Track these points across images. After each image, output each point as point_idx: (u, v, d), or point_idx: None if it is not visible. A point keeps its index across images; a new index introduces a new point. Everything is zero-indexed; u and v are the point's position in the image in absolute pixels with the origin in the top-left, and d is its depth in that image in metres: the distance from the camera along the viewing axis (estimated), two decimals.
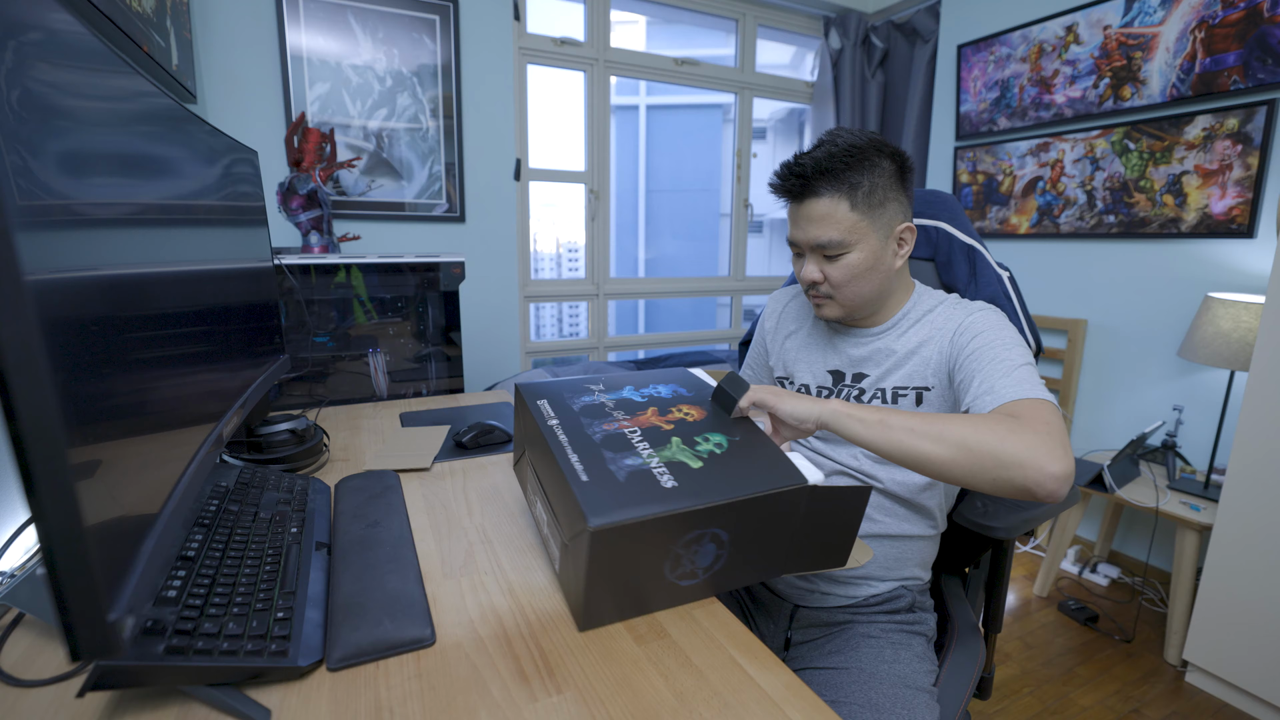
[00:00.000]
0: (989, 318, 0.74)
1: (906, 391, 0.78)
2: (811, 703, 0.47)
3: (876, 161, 0.73)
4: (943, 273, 0.94)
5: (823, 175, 0.72)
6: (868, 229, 0.73)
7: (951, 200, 0.95)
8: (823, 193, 0.73)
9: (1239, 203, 1.71)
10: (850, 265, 0.74)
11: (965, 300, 0.81)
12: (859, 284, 0.76)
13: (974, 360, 0.70)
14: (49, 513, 0.31)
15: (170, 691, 0.45)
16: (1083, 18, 2.01)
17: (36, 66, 0.35)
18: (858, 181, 0.72)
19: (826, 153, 0.73)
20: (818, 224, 0.74)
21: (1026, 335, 0.87)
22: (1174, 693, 1.49)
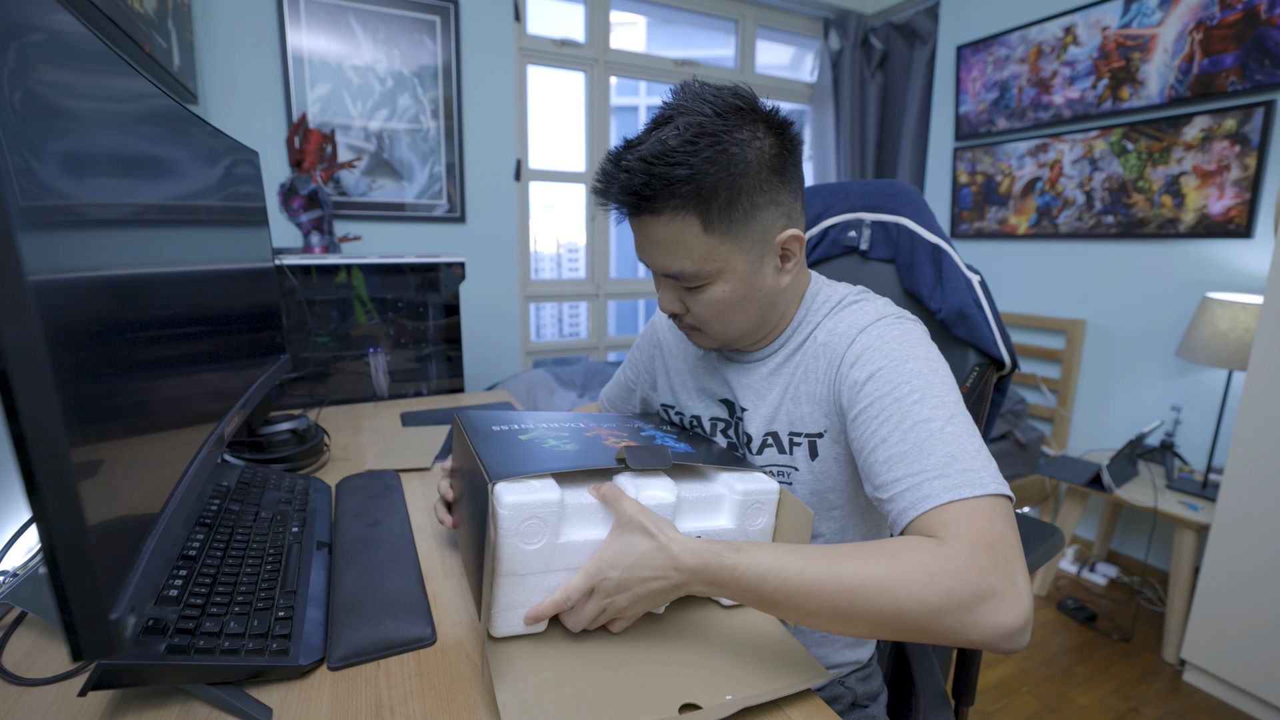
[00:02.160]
0: (886, 338, 0.55)
1: (801, 440, 0.61)
2: (812, 703, 0.47)
3: (741, 149, 0.51)
4: (904, 276, 0.82)
5: (658, 185, 0.50)
6: (731, 252, 0.54)
7: (913, 192, 0.83)
8: (661, 210, 0.52)
9: (1237, 203, 1.71)
10: (714, 300, 0.56)
11: (862, 297, 0.62)
12: (730, 318, 0.58)
13: (875, 419, 0.51)
14: (51, 512, 0.32)
15: (172, 690, 0.45)
16: (1081, 19, 2.02)
17: (39, 67, 0.35)
18: (711, 189, 0.51)
19: (660, 146, 0.50)
20: (662, 250, 0.55)
21: (999, 349, 0.74)
22: (1172, 691, 1.49)
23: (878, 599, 0.41)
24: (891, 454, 0.49)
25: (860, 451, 0.53)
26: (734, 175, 0.51)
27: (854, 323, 0.58)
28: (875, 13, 2.74)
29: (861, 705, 0.68)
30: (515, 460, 0.51)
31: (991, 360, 0.77)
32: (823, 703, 0.47)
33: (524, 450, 0.54)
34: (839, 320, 0.60)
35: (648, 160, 0.50)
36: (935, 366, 0.52)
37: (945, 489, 0.45)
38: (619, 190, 0.53)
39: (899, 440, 0.49)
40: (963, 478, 0.45)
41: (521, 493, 0.46)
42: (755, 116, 0.53)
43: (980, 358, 0.77)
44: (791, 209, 0.57)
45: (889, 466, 0.49)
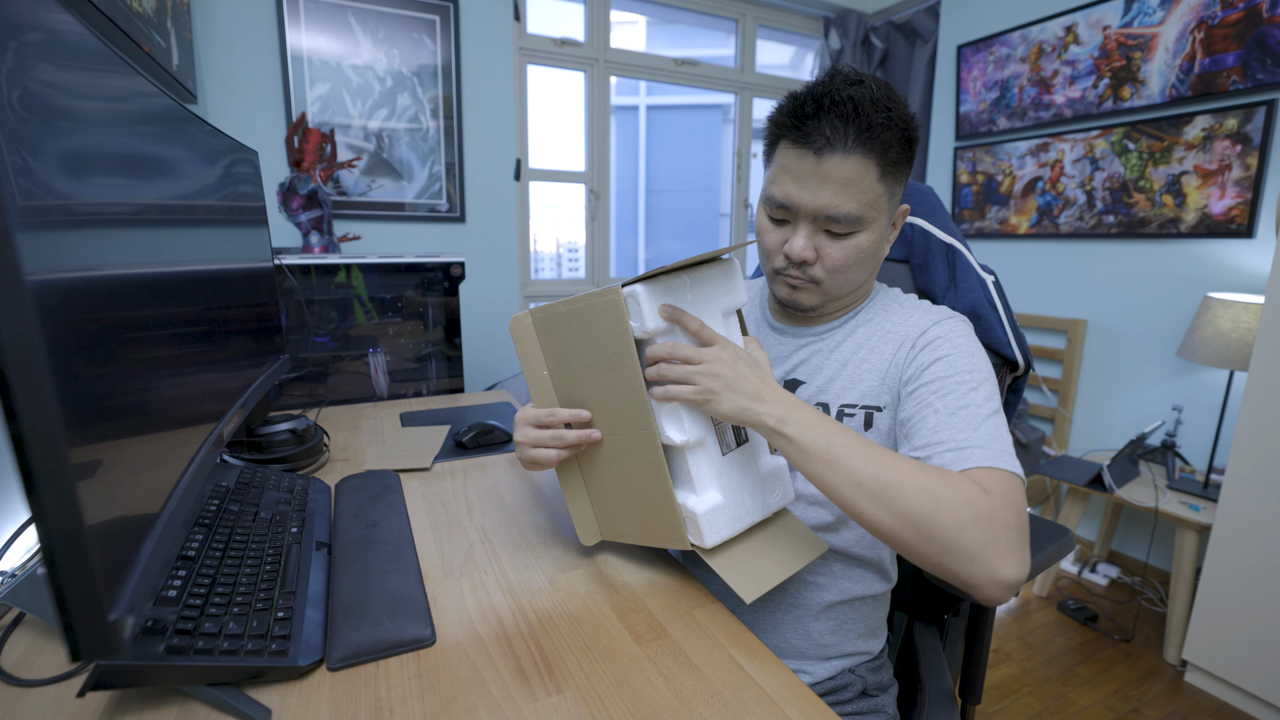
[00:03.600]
0: (958, 333, 0.61)
1: (855, 411, 0.64)
2: (811, 703, 0.47)
3: (902, 115, 0.58)
4: (918, 276, 0.82)
5: (866, 125, 0.55)
6: (885, 206, 0.60)
7: (929, 193, 0.84)
8: (855, 150, 0.56)
9: (1238, 203, 1.71)
10: (857, 248, 0.60)
11: (923, 302, 0.68)
12: (855, 271, 0.62)
13: (934, 394, 0.57)
14: (49, 513, 0.32)
15: (171, 691, 0.45)
16: (1082, 18, 2.01)
17: (37, 67, 0.35)
18: (890, 141, 0.56)
19: (869, 94, 0.56)
20: (840, 190, 0.57)
21: (1013, 349, 0.76)
22: (1173, 692, 1.49)
23: (922, 495, 0.47)
24: (941, 421, 0.55)
25: (911, 417, 0.58)
26: (903, 140, 0.58)
27: (926, 316, 0.64)
28: (876, 12, 2.73)
29: (870, 694, 0.68)
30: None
31: (1005, 361, 0.77)
32: (822, 702, 0.47)
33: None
34: (908, 313, 0.65)
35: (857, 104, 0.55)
36: (990, 370, 0.59)
37: (985, 457, 0.51)
38: (835, 119, 0.56)
39: (951, 413, 0.55)
40: (999, 455, 0.51)
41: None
42: (904, 102, 0.60)
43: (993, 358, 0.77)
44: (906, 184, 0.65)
45: (937, 430, 0.54)
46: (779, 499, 0.62)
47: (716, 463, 0.58)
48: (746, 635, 0.55)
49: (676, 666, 0.51)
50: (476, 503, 0.81)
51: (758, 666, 0.51)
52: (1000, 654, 1.64)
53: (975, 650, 0.76)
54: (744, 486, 0.59)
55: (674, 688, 0.48)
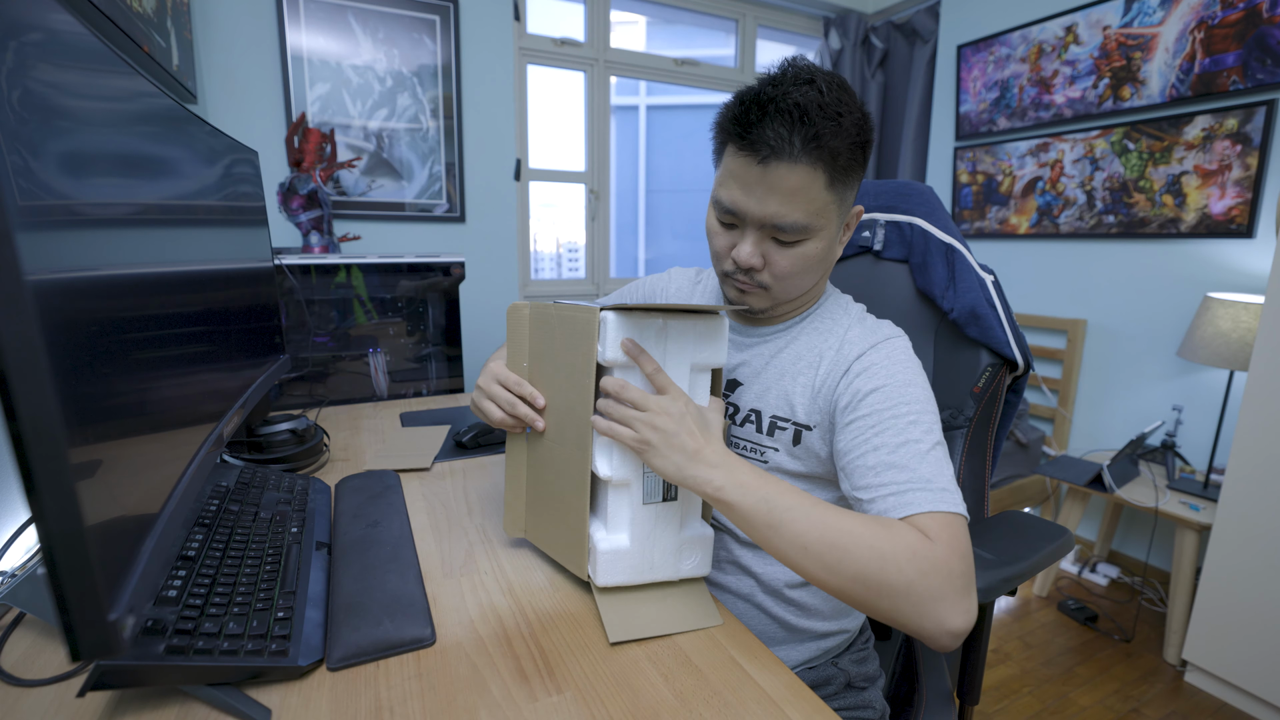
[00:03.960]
0: (894, 358, 0.59)
1: (786, 425, 0.64)
2: (811, 703, 0.47)
3: (856, 120, 0.56)
4: (917, 276, 0.82)
5: (813, 134, 0.53)
6: (834, 212, 0.58)
7: (929, 193, 0.84)
8: (801, 159, 0.54)
9: (1238, 203, 1.71)
10: (804, 256, 0.59)
11: (867, 316, 0.67)
12: (804, 278, 0.61)
13: (872, 429, 0.55)
14: (49, 513, 0.32)
15: (171, 691, 0.45)
16: (1082, 18, 2.01)
17: (37, 67, 0.35)
18: (840, 148, 0.54)
19: (818, 100, 0.53)
20: (786, 199, 0.56)
21: (1012, 349, 0.75)
22: (1173, 692, 1.49)
23: (868, 554, 0.47)
24: (881, 461, 0.54)
25: (847, 453, 0.57)
26: (853, 144, 0.56)
27: (863, 337, 0.62)
28: (876, 12, 2.73)
29: (857, 687, 0.67)
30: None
31: (1004, 361, 0.77)
32: (822, 701, 0.47)
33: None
34: (846, 331, 0.64)
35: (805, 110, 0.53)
36: (929, 395, 0.58)
37: (928, 500, 0.50)
38: (780, 126, 0.53)
39: (890, 451, 0.54)
40: (941, 495, 0.51)
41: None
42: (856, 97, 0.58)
43: (993, 358, 0.77)
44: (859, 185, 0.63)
45: (876, 472, 0.54)
46: (692, 568, 0.60)
47: (635, 509, 0.57)
48: (746, 635, 0.55)
49: (676, 666, 0.51)
50: (476, 503, 0.81)
51: (758, 666, 0.51)
52: (1000, 654, 1.64)
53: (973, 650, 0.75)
54: (656, 542, 0.58)
55: (674, 688, 0.48)
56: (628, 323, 0.54)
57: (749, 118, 0.55)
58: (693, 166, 6.77)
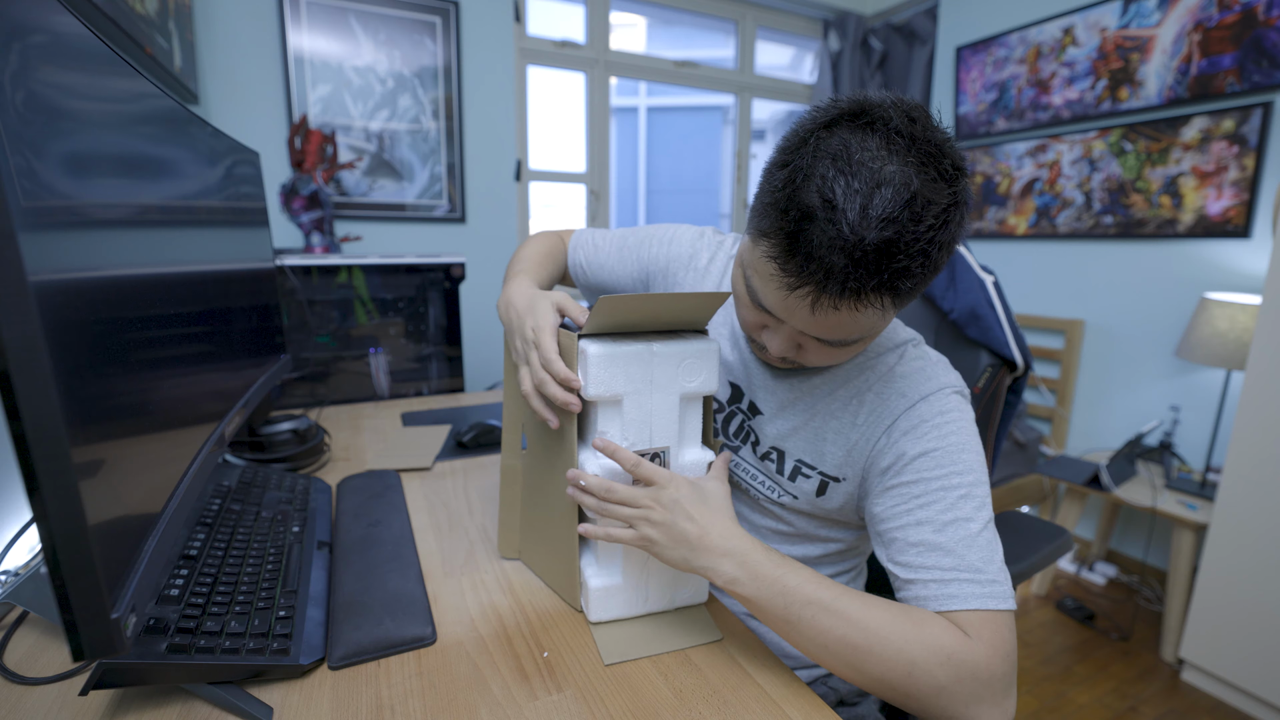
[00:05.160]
0: (949, 416, 0.52)
1: (811, 474, 0.57)
2: (811, 702, 0.47)
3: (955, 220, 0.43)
4: None
5: (883, 277, 0.42)
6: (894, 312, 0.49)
7: None
8: (869, 302, 0.44)
9: (1235, 204, 1.72)
10: (849, 352, 0.52)
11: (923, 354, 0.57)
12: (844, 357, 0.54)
13: (917, 500, 0.50)
14: (52, 512, 0.32)
15: (173, 689, 0.46)
16: (1080, 20, 2.02)
17: (40, 68, 0.36)
18: (917, 275, 0.43)
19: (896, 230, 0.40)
20: (835, 329, 0.47)
21: (1012, 350, 0.73)
22: (1170, 690, 1.49)
23: (895, 658, 0.43)
24: (925, 540, 0.48)
25: (886, 520, 0.51)
26: (941, 262, 0.44)
27: (915, 386, 0.54)
28: (875, 13, 2.74)
29: (849, 703, 0.66)
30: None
31: (1004, 362, 0.77)
32: (822, 702, 0.47)
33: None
34: (898, 370, 0.55)
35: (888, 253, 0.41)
36: (982, 462, 0.51)
37: (974, 595, 0.46)
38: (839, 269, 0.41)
39: (936, 530, 0.48)
40: (990, 588, 0.46)
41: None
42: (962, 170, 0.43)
43: (992, 359, 0.77)
44: None
45: (919, 551, 0.48)
46: (689, 597, 0.58)
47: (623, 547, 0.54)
48: (746, 634, 0.56)
49: (676, 666, 0.51)
50: (477, 502, 0.81)
51: (757, 666, 0.51)
52: None
53: None
54: (650, 577, 0.56)
55: (674, 686, 0.48)
56: (611, 354, 0.49)
57: (794, 246, 0.43)
58: (692, 167, 6.75)
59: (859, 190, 0.41)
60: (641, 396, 0.51)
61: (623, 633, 0.55)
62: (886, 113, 0.43)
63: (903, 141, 0.42)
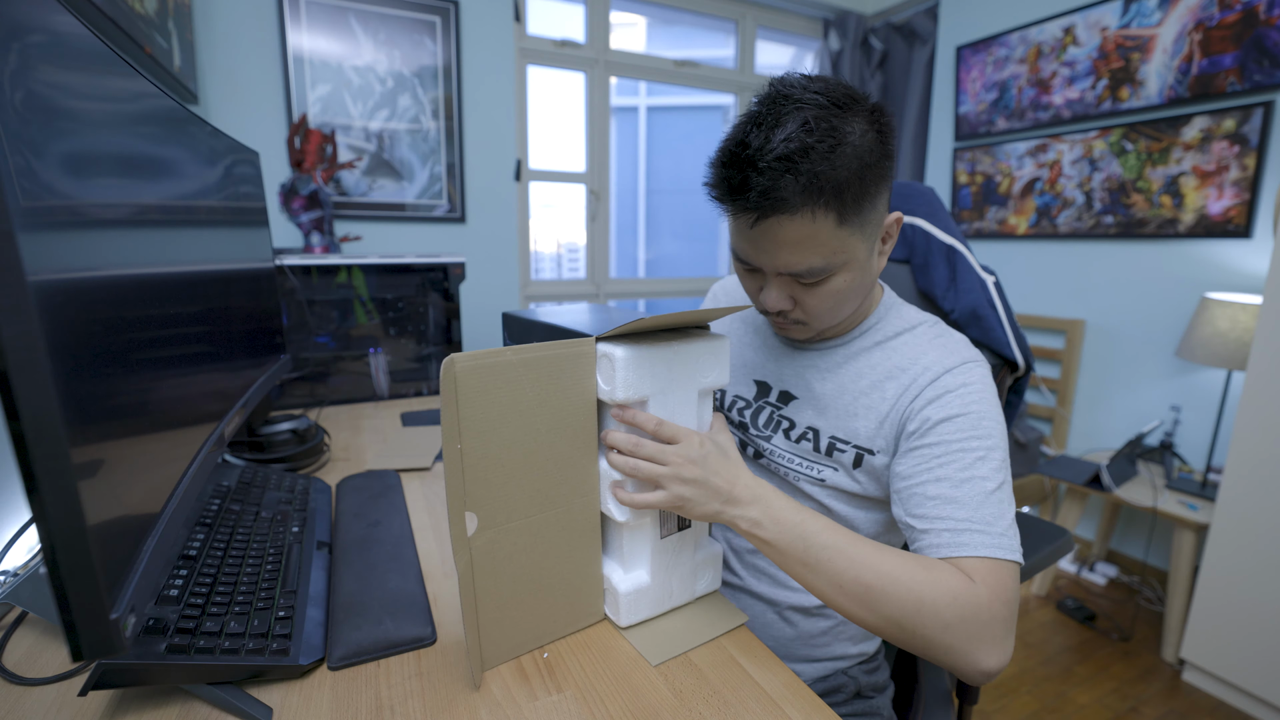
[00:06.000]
0: (972, 386, 0.55)
1: (845, 448, 0.60)
2: (811, 702, 0.47)
3: (861, 135, 0.50)
4: (919, 276, 0.82)
5: (800, 183, 0.48)
6: (856, 242, 0.53)
7: (930, 193, 0.84)
8: (798, 208, 0.49)
9: (1236, 203, 1.71)
10: (834, 291, 0.55)
11: (943, 332, 0.61)
12: (843, 307, 0.58)
13: (938, 459, 0.53)
14: (51, 512, 0.32)
15: (172, 690, 0.46)
16: (1081, 19, 2.02)
17: (40, 68, 0.36)
18: (844, 180, 0.49)
19: (797, 142, 0.48)
20: (794, 250, 0.52)
21: (1013, 350, 0.75)
22: (1171, 691, 1.49)
23: (905, 596, 0.46)
24: (942, 493, 0.52)
25: (907, 478, 0.55)
26: (861, 162, 0.50)
27: (940, 358, 0.57)
28: (875, 13, 2.74)
29: (865, 696, 0.68)
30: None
31: (1005, 362, 0.77)
32: (822, 702, 0.47)
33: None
34: (921, 348, 0.59)
35: (789, 159, 0.48)
36: (1002, 430, 0.54)
37: (983, 544, 0.49)
38: (757, 195, 0.49)
39: (953, 485, 0.52)
40: (999, 540, 0.49)
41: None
42: (858, 100, 0.52)
43: (993, 359, 0.77)
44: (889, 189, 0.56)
45: (936, 504, 0.52)
46: (706, 585, 0.60)
47: (652, 544, 0.55)
48: (746, 634, 0.56)
49: (676, 665, 0.51)
50: None
51: (757, 666, 0.51)
52: None
53: None
54: (674, 572, 0.57)
55: (674, 687, 0.48)
56: (641, 357, 0.49)
57: (731, 182, 0.51)
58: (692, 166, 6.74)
59: (767, 126, 0.50)
60: (665, 396, 0.52)
61: (656, 632, 0.55)
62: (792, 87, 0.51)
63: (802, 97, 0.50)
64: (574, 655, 0.52)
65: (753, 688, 0.49)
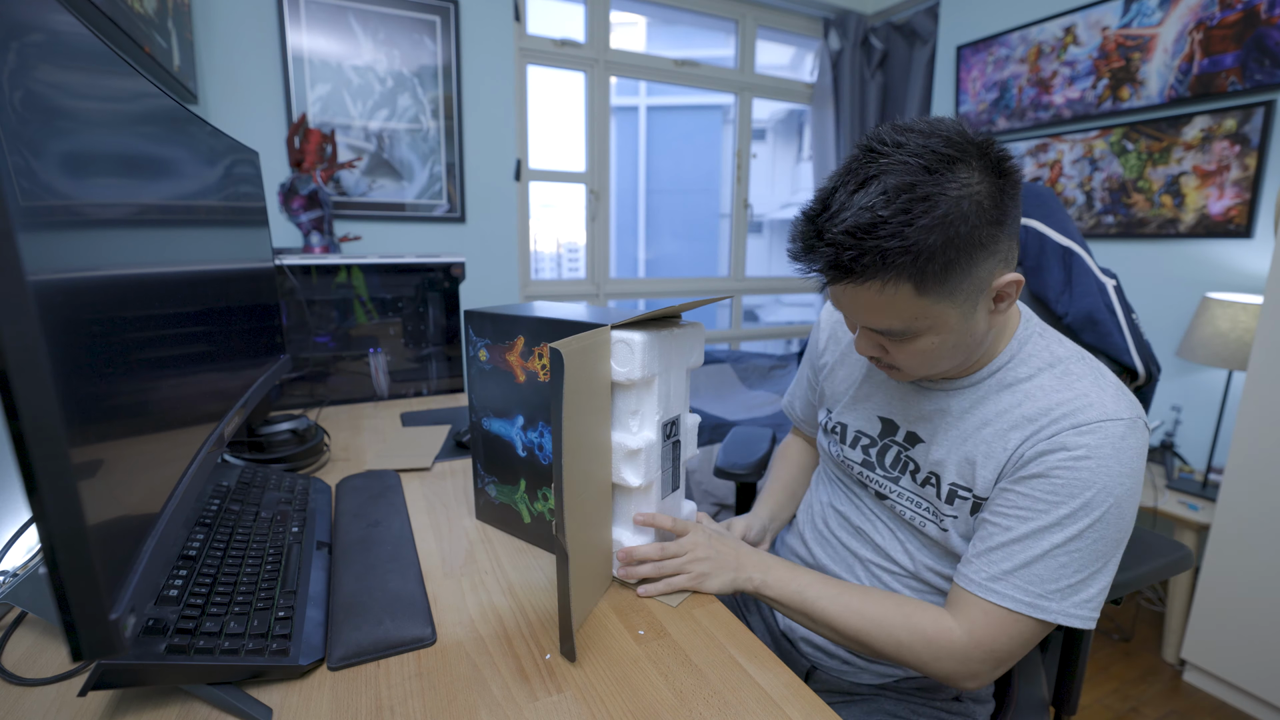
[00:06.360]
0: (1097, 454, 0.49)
1: (967, 496, 0.57)
2: (811, 702, 0.47)
3: (957, 203, 0.45)
4: (1030, 280, 0.78)
5: (868, 257, 0.46)
6: (945, 309, 0.50)
7: (1046, 193, 0.79)
8: (868, 279, 0.48)
9: (1237, 203, 1.71)
10: (921, 351, 0.53)
11: (1087, 373, 0.54)
12: (935, 364, 0.55)
13: (1014, 510, 0.52)
14: (51, 512, 0.32)
15: (172, 690, 0.45)
16: (1081, 19, 2.02)
17: (39, 67, 0.36)
18: (926, 254, 0.46)
19: (868, 216, 0.45)
20: (872, 313, 0.51)
21: (1131, 357, 0.72)
22: (1172, 691, 1.49)
23: (886, 636, 0.55)
24: (999, 545, 0.53)
25: (985, 518, 0.56)
26: (950, 233, 0.46)
27: (1075, 409, 0.52)
28: (875, 13, 2.74)
29: (972, 699, 0.67)
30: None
31: (1124, 369, 0.74)
32: (822, 701, 0.47)
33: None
34: (1058, 395, 0.53)
35: (856, 234, 0.46)
36: (1118, 514, 0.50)
37: (1000, 594, 0.52)
38: (825, 265, 0.49)
39: (1015, 540, 0.52)
40: (1024, 592, 0.51)
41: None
42: (968, 153, 0.47)
43: (1111, 365, 0.75)
44: (1009, 251, 0.51)
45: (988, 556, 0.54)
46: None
47: (655, 505, 0.63)
48: (746, 634, 0.55)
49: (676, 666, 0.51)
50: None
51: (758, 666, 0.51)
52: None
53: (1072, 659, 0.71)
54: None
55: (674, 687, 0.48)
56: (652, 341, 0.57)
57: (804, 241, 0.50)
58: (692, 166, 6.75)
59: (848, 189, 0.49)
60: (666, 374, 0.61)
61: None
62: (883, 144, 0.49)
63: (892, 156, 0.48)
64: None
65: (753, 688, 0.48)
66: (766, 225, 5.40)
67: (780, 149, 6.02)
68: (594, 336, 0.54)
